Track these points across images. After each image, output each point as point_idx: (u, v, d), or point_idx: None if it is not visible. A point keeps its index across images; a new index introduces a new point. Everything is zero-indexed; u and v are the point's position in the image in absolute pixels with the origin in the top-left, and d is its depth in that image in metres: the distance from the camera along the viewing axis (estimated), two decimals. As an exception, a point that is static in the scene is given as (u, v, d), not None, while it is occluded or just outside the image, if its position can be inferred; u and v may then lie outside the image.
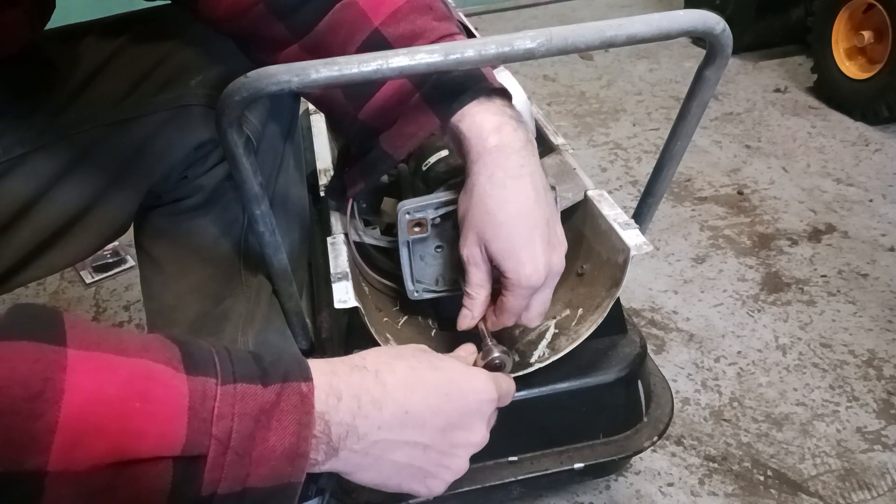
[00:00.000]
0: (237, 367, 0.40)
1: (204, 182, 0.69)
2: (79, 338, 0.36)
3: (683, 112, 0.64)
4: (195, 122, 0.66)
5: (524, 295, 0.60)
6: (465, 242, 0.60)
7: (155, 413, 0.36)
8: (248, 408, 0.39)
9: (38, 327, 0.35)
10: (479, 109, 0.57)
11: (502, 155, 0.57)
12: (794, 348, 1.19)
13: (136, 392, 0.36)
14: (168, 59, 0.66)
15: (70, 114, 0.65)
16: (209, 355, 0.40)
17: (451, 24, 0.59)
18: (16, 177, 0.63)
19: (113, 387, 0.36)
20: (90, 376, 0.35)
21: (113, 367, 0.36)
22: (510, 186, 0.57)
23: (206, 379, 0.39)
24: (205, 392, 0.38)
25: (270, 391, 0.40)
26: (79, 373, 0.35)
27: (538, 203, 0.58)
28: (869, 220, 1.50)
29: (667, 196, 1.57)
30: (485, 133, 0.57)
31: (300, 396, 0.41)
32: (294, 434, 0.40)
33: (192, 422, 0.37)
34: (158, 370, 0.38)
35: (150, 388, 0.37)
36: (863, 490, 0.96)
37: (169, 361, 0.38)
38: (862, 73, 1.84)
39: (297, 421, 0.40)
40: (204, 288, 0.73)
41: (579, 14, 2.74)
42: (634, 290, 1.32)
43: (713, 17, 0.54)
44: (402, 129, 0.60)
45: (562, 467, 0.74)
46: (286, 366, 0.42)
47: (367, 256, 0.77)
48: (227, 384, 0.39)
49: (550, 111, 2.03)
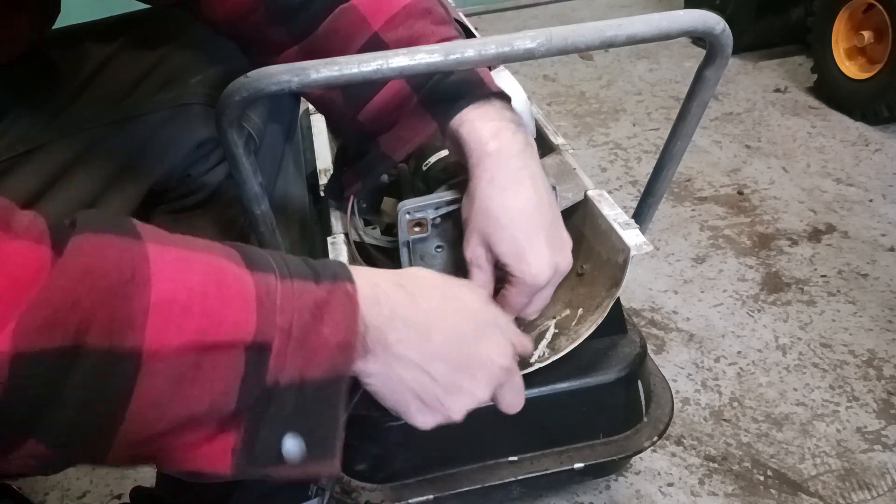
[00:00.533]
0: (291, 266, 0.43)
1: (205, 181, 0.69)
2: (152, 235, 0.39)
3: (683, 112, 0.64)
4: (195, 121, 0.66)
5: (528, 293, 0.61)
6: (469, 244, 0.61)
7: (230, 301, 0.39)
8: (305, 302, 0.41)
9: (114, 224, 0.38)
10: (478, 114, 0.58)
11: (502, 159, 0.57)
12: (794, 348, 1.19)
13: (212, 281, 0.39)
14: (168, 58, 0.67)
15: (71, 113, 0.65)
16: (264, 255, 0.43)
17: (450, 28, 0.60)
18: (18, 175, 0.63)
19: (193, 275, 0.39)
20: (171, 266, 0.38)
21: (189, 259, 0.39)
22: (511, 189, 0.58)
23: (267, 274, 0.41)
24: (268, 286, 0.40)
25: (322, 288, 0.42)
26: (161, 262, 0.37)
27: (540, 204, 0.59)
28: (869, 220, 1.50)
29: (667, 196, 1.57)
30: (484, 138, 0.57)
31: (347, 295, 0.43)
32: (344, 328, 0.42)
33: (259, 311, 0.39)
34: (227, 265, 0.41)
35: (223, 278, 0.40)
36: (863, 490, 0.96)
37: (233, 258, 0.41)
38: (862, 73, 1.84)
39: (346, 316, 0.42)
40: None
41: (579, 14, 2.74)
42: (634, 290, 1.32)
43: (713, 17, 0.54)
44: (401, 132, 0.60)
45: (562, 467, 0.74)
46: (333, 267, 0.45)
47: (367, 256, 0.77)
48: (286, 279, 0.41)
49: (550, 111, 2.03)
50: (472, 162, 0.58)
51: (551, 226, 0.60)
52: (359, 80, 0.50)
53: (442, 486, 0.72)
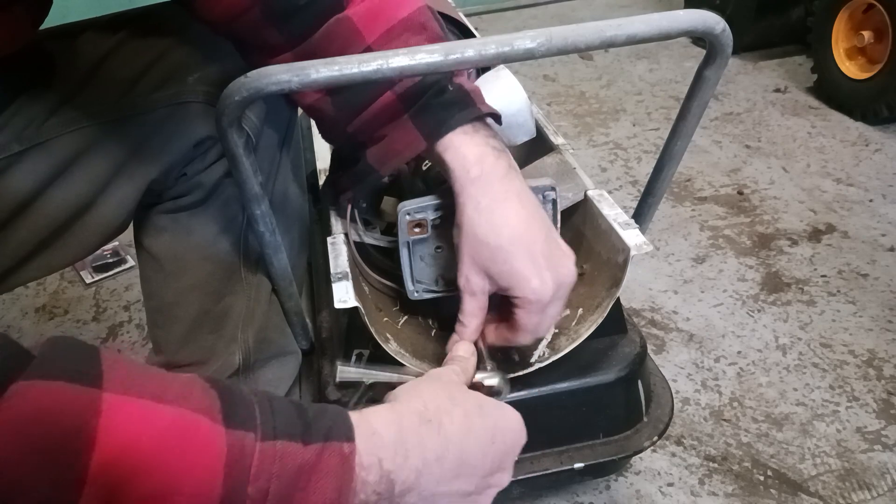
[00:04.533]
0: (278, 421, 0.38)
1: (203, 179, 0.69)
2: (117, 380, 0.34)
3: (683, 112, 0.64)
4: (193, 119, 0.66)
5: (537, 310, 0.60)
6: (462, 273, 0.60)
7: (191, 468, 0.34)
8: (287, 468, 0.37)
9: (74, 366, 0.34)
10: (463, 140, 0.58)
11: (485, 184, 0.58)
12: (794, 348, 1.19)
13: (172, 444, 0.34)
14: (166, 56, 0.66)
15: (68, 111, 0.65)
16: (250, 406, 0.38)
17: None
18: (13, 175, 0.63)
19: (149, 438, 0.34)
20: (125, 424, 0.33)
21: (150, 416, 0.35)
22: (498, 211, 0.58)
23: (246, 433, 0.37)
24: (243, 448, 0.36)
25: (311, 450, 0.38)
26: (113, 420, 0.33)
27: (530, 221, 0.59)
28: (869, 220, 1.50)
29: (667, 196, 1.57)
30: (467, 165, 0.58)
31: (341, 458, 0.39)
32: (332, 500, 0.38)
33: (227, 480, 0.35)
34: (197, 421, 0.36)
35: (187, 440, 0.35)
36: (863, 490, 0.96)
37: (208, 411, 0.37)
38: (862, 73, 1.84)
39: (336, 487, 0.38)
40: (204, 286, 0.73)
41: (579, 14, 2.74)
42: (634, 290, 1.32)
43: (713, 17, 0.54)
44: (389, 146, 0.61)
45: (562, 467, 0.74)
46: (329, 422, 0.40)
47: (367, 256, 0.77)
48: (267, 440, 0.37)
49: (550, 111, 2.03)
50: (457, 189, 0.58)
51: (546, 241, 0.60)
52: (359, 80, 0.50)
53: (442, 486, 0.71)
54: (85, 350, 0.36)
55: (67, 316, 1.35)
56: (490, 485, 0.50)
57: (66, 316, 1.35)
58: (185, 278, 0.73)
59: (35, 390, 0.32)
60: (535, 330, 0.62)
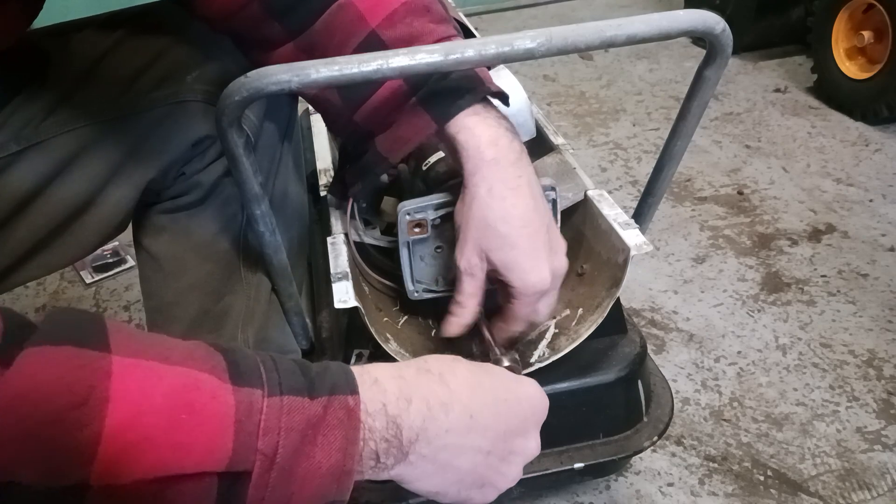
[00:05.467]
0: (283, 378, 0.39)
1: (202, 178, 0.69)
2: (123, 344, 0.35)
3: (683, 112, 0.64)
4: (192, 118, 0.66)
5: (532, 302, 0.60)
6: (463, 252, 0.60)
7: (201, 425, 0.35)
8: (295, 422, 0.37)
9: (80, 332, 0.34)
10: (476, 121, 0.57)
11: (500, 167, 0.57)
12: (794, 348, 1.19)
13: (182, 403, 0.35)
14: (164, 55, 0.66)
15: (66, 110, 0.64)
16: (255, 365, 0.39)
17: (449, 26, 0.59)
18: (11, 174, 0.63)
19: (159, 396, 0.34)
20: (136, 385, 0.34)
21: (159, 376, 0.35)
22: (510, 198, 0.58)
23: (253, 390, 0.37)
24: (251, 404, 0.37)
25: (317, 404, 0.38)
26: (124, 380, 0.33)
27: (537, 211, 0.59)
28: (869, 220, 1.50)
29: (667, 196, 1.57)
30: (482, 146, 0.57)
31: (346, 411, 0.39)
32: (340, 450, 0.39)
33: (238, 435, 0.35)
34: (204, 380, 0.36)
35: (196, 398, 0.35)
36: (863, 490, 0.96)
37: (214, 370, 0.37)
38: (862, 73, 1.84)
39: (343, 436, 0.39)
40: (203, 285, 0.73)
41: (579, 14, 2.74)
42: (634, 290, 1.32)
43: (713, 17, 0.54)
44: (398, 132, 0.60)
45: (562, 467, 0.74)
46: (333, 377, 0.41)
47: (367, 256, 0.77)
48: (274, 396, 0.37)
49: (550, 111, 2.03)
50: (469, 169, 0.58)
51: (547, 232, 0.60)
52: (359, 80, 0.50)
53: (442, 486, 0.71)
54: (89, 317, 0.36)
55: (67, 316, 1.35)
56: (513, 450, 0.48)
57: (66, 316, 1.35)
58: (185, 278, 0.73)
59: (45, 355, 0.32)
60: (528, 319, 0.63)
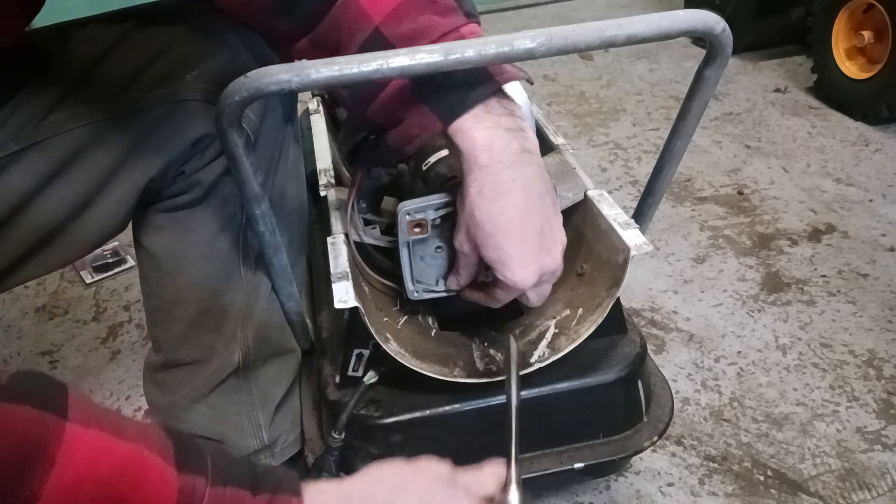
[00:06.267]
0: (229, 471, 0.40)
1: (201, 177, 0.69)
2: (81, 413, 0.36)
3: (683, 112, 0.64)
4: (191, 117, 0.66)
5: (514, 293, 0.63)
6: (457, 237, 0.63)
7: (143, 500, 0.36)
8: None
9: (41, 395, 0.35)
10: (473, 123, 0.57)
11: (491, 172, 0.58)
12: (794, 348, 1.19)
13: (128, 478, 0.36)
14: (164, 54, 0.66)
15: (65, 110, 0.64)
16: (202, 454, 0.40)
17: (456, 16, 0.58)
18: (11, 174, 0.63)
19: (106, 467, 0.35)
20: (85, 453, 0.35)
21: (109, 448, 0.36)
22: (499, 201, 0.58)
23: (197, 477, 0.38)
24: (194, 490, 0.38)
25: (259, 499, 0.40)
26: (73, 447, 0.34)
27: (529, 213, 0.59)
28: (869, 220, 1.50)
29: (667, 196, 1.57)
30: (476, 150, 0.57)
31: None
32: None
33: None
34: (152, 459, 0.37)
35: (141, 475, 0.36)
36: (863, 490, 0.96)
37: (163, 453, 0.38)
38: (862, 73, 1.84)
39: None
40: (203, 284, 0.73)
41: (579, 14, 2.74)
42: (634, 290, 1.32)
43: (713, 17, 0.54)
44: (407, 130, 0.60)
45: (562, 467, 0.74)
46: (278, 477, 0.43)
47: (367, 256, 0.77)
48: (217, 486, 0.39)
49: (550, 111, 2.03)
50: (465, 170, 0.59)
51: (541, 231, 0.60)
52: (359, 80, 0.50)
53: (442, 486, 0.71)
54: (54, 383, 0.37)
55: (67, 316, 1.35)
56: None
57: (66, 316, 1.35)
58: (184, 277, 0.73)
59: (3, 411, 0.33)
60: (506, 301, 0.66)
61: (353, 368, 0.71)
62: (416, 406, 0.70)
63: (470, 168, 0.58)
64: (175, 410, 0.78)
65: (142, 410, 1.13)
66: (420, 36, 0.56)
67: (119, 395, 1.17)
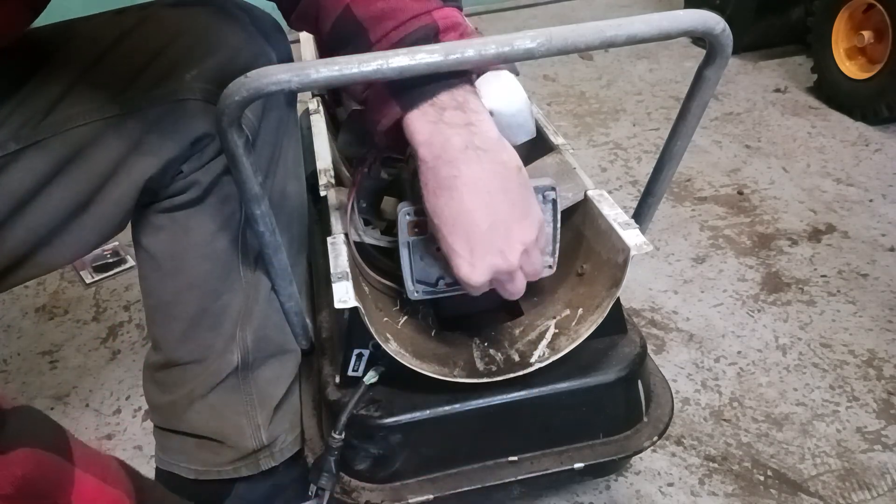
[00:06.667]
0: None
1: (200, 177, 0.69)
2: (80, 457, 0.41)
3: (683, 112, 0.64)
4: (191, 117, 0.66)
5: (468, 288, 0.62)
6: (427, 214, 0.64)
7: None
8: None
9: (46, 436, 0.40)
10: (416, 116, 0.57)
11: (431, 167, 0.58)
12: (794, 348, 1.19)
13: None
14: (163, 53, 0.66)
15: (65, 110, 0.64)
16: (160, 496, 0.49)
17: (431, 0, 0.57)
18: (11, 173, 0.63)
19: None
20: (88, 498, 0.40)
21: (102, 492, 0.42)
22: (442, 197, 0.58)
23: None
24: None
25: None
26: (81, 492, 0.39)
27: (475, 211, 0.58)
28: (869, 220, 1.50)
29: (667, 196, 1.57)
30: (418, 146, 0.57)
31: None
32: None
33: None
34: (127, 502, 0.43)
35: None
36: (863, 490, 0.96)
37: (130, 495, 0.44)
38: (862, 73, 1.84)
39: None
40: (202, 284, 0.73)
41: (579, 14, 2.74)
42: (634, 290, 1.32)
43: (713, 17, 0.54)
44: (372, 114, 0.61)
45: (562, 467, 0.74)
46: None
47: (367, 256, 0.77)
48: None
49: (550, 111, 2.03)
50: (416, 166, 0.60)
51: (491, 230, 0.59)
52: (359, 79, 0.50)
53: (442, 486, 0.72)
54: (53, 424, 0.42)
55: (67, 316, 1.35)
56: None
57: (66, 316, 1.35)
58: (183, 277, 0.73)
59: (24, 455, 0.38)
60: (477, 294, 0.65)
61: (353, 368, 0.71)
62: (416, 406, 0.70)
63: (417, 162, 0.59)
64: (174, 410, 0.78)
65: (142, 410, 1.13)
66: (388, 17, 0.56)
67: (119, 395, 1.17)
